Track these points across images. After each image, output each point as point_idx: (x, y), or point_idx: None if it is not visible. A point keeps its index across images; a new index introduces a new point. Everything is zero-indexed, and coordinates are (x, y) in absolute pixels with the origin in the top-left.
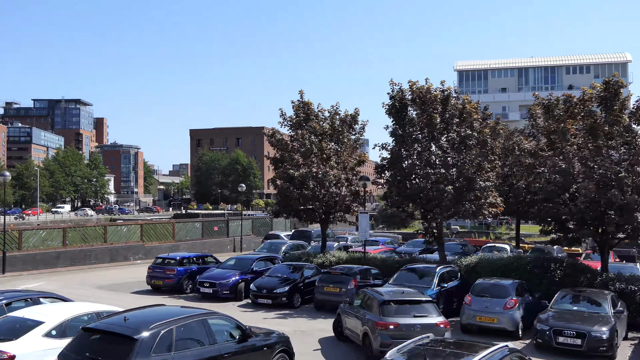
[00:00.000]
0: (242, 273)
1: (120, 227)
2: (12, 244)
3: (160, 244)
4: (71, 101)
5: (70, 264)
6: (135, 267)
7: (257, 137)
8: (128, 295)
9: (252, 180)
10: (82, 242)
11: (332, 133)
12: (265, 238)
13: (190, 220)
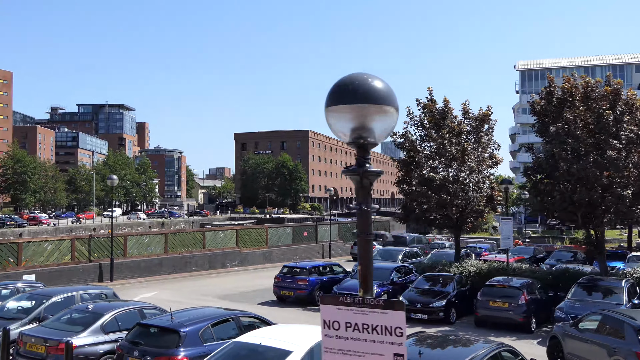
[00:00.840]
0: (381, 284)
1: (217, 232)
2: (116, 251)
3: (255, 250)
4: (115, 106)
5: (171, 271)
6: (235, 274)
7: (302, 141)
8: (260, 308)
9: (298, 184)
10: (181, 248)
11: (469, 133)
12: (354, 244)
13: (281, 225)
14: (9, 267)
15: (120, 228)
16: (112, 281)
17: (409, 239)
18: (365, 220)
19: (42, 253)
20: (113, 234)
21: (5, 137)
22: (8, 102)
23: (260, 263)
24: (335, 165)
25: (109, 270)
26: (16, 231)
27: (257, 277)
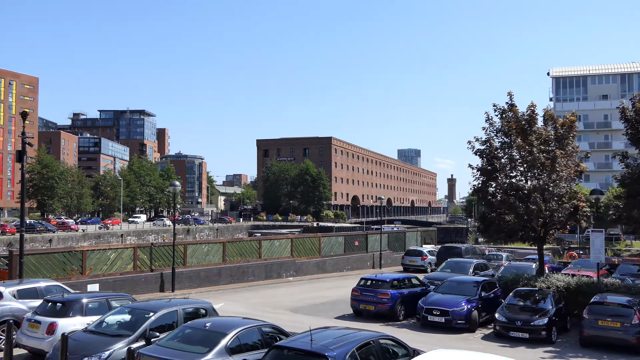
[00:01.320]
0: (469, 300)
1: (273, 241)
2: (176, 259)
3: (309, 260)
4: (136, 112)
5: (229, 280)
6: (293, 285)
7: (324, 147)
8: (340, 322)
9: (321, 192)
10: (238, 257)
11: (555, 140)
12: (406, 254)
13: (333, 234)
14: (73, 276)
15: (147, 234)
16: (173, 291)
17: (463, 249)
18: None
19: (105, 262)
20: (175, 243)
21: (30, 143)
22: (34, 107)
23: (314, 273)
24: (357, 172)
25: (170, 280)
26: (46, 237)
27: (317, 288)
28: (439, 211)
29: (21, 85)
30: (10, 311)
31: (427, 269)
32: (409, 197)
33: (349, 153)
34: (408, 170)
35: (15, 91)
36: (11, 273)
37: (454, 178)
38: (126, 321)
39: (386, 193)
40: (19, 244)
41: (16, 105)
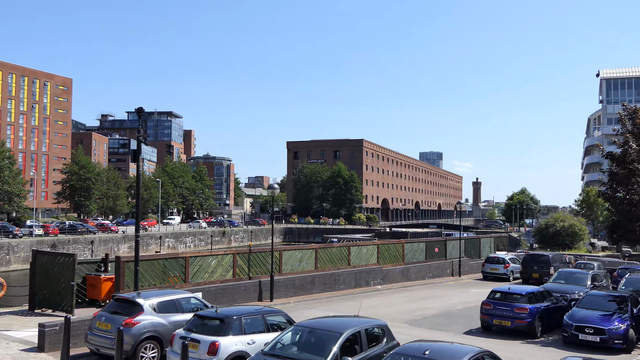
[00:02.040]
0: (622, 317)
1: (361, 248)
2: (268, 267)
3: (394, 267)
4: (163, 113)
5: (323, 289)
6: (386, 294)
7: (355, 150)
8: (470, 339)
9: (353, 194)
10: (330, 265)
11: None
12: (487, 261)
13: (415, 240)
14: (177, 284)
15: (184, 237)
16: (272, 300)
17: (551, 257)
18: None
19: (206, 269)
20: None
21: (64, 144)
22: (68, 108)
23: (399, 281)
24: (387, 175)
25: (267, 288)
26: (88, 238)
27: (413, 298)
28: (464, 215)
29: (55, 86)
30: (152, 326)
31: (510, 278)
32: (436, 200)
33: (379, 155)
34: (435, 173)
35: (49, 92)
36: (118, 280)
37: (479, 181)
38: (311, 343)
39: (414, 196)
40: (135, 250)
41: (51, 107)
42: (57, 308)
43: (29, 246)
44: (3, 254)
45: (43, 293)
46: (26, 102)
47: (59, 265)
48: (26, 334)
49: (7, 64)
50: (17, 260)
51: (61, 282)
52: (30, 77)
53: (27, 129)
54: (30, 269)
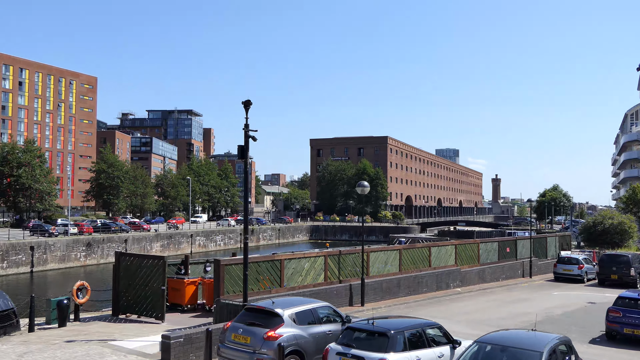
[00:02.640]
0: None
1: (440, 248)
2: (357, 269)
3: (470, 269)
4: (183, 112)
5: (407, 292)
6: (469, 297)
7: (380, 147)
8: (603, 349)
9: (379, 192)
10: (412, 266)
11: None
12: (560, 262)
13: (489, 240)
14: (273, 289)
15: (214, 235)
16: (363, 305)
17: (630, 257)
18: None
19: (300, 272)
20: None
21: (89, 142)
22: (93, 107)
23: (476, 282)
24: (411, 172)
25: (356, 292)
26: (122, 237)
27: (500, 301)
28: (484, 212)
29: (81, 84)
30: (294, 339)
31: (584, 279)
32: (457, 197)
33: (403, 152)
34: (456, 170)
35: (75, 91)
36: (218, 285)
37: (498, 178)
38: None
39: (437, 193)
40: (244, 252)
41: (76, 105)
42: (144, 314)
43: (65, 245)
44: (40, 253)
45: (127, 298)
46: (52, 100)
47: (146, 268)
48: (137, 345)
49: (34, 63)
50: (53, 259)
51: (149, 286)
52: (56, 75)
53: (54, 128)
54: (114, 273)
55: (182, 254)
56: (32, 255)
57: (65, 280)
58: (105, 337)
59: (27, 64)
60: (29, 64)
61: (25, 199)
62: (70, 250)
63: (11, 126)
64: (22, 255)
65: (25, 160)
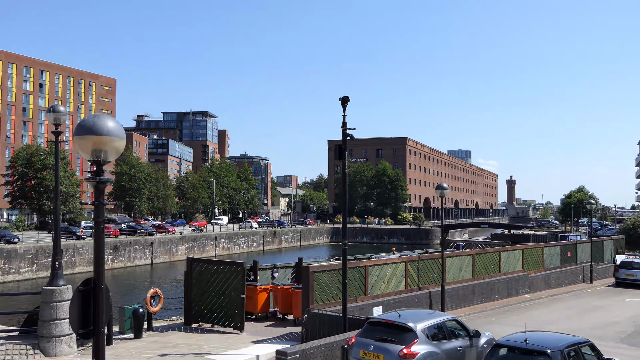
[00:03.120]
0: None
1: (509, 253)
2: (431, 275)
3: (537, 274)
4: (198, 113)
5: (481, 299)
6: (543, 305)
7: (399, 148)
8: None
9: (399, 193)
10: (484, 272)
11: None
12: (622, 267)
13: (552, 244)
14: (359, 297)
15: (238, 237)
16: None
17: None
18: None
19: (382, 279)
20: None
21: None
22: (112, 109)
23: (542, 288)
24: (429, 174)
25: (436, 300)
26: (148, 239)
27: (579, 309)
28: (499, 213)
29: (100, 86)
30: (430, 357)
31: None
32: (474, 198)
33: (421, 154)
34: (472, 171)
35: (94, 92)
36: (307, 294)
37: (513, 179)
38: None
39: (454, 195)
40: (342, 259)
41: (95, 107)
42: (220, 323)
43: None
44: (69, 256)
45: (200, 306)
46: (72, 102)
47: (222, 274)
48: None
49: (54, 65)
50: (82, 262)
51: (226, 294)
52: (76, 77)
53: (73, 130)
54: (186, 280)
55: (207, 257)
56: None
57: None
58: (196, 350)
59: (48, 66)
60: (49, 65)
61: (49, 201)
62: None
63: (32, 128)
64: (51, 259)
65: (49, 162)
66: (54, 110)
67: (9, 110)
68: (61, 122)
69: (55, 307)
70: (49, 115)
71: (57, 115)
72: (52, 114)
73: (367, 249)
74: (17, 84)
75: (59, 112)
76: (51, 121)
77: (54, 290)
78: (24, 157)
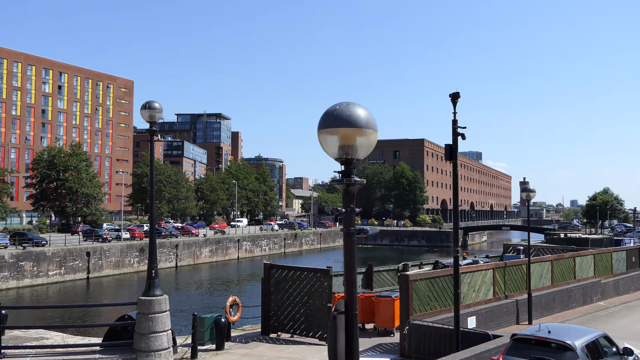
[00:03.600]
0: None
1: (583, 258)
2: (514, 283)
3: (607, 280)
4: (212, 115)
5: (561, 307)
6: (625, 313)
7: (416, 150)
8: None
9: (417, 195)
10: (560, 279)
11: None
12: None
13: (619, 249)
14: (451, 307)
15: (260, 240)
16: (530, 323)
17: None
18: None
19: (474, 287)
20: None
21: (126, 146)
22: (129, 110)
23: (612, 295)
24: (445, 175)
25: (523, 308)
26: (173, 242)
27: None
28: (513, 215)
29: (118, 88)
30: None
31: None
32: (488, 200)
33: (438, 155)
34: (487, 173)
35: (112, 94)
36: (407, 303)
37: (526, 181)
38: None
39: (469, 197)
40: (454, 264)
41: (113, 109)
42: (300, 333)
43: (120, 250)
44: (96, 259)
45: (278, 315)
46: (90, 104)
47: (305, 281)
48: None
49: (72, 66)
50: (108, 265)
51: (309, 302)
52: (94, 79)
53: (92, 132)
54: (263, 287)
55: (230, 259)
56: (89, 262)
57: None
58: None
59: (66, 67)
60: (67, 67)
61: (72, 203)
62: (124, 256)
63: (50, 130)
64: (78, 261)
65: (72, 164)
66: (149, 107)
67: (28, 112)
68: (156, 119)
69: (154, 319)
70: (143, 112)
71: (152, 113)
72: (147, 110)
73: (388, 251)
74: (37, 86)
75: (154, 109)
76: (146, 118)
77: (152, 300)
78: (46, 159)
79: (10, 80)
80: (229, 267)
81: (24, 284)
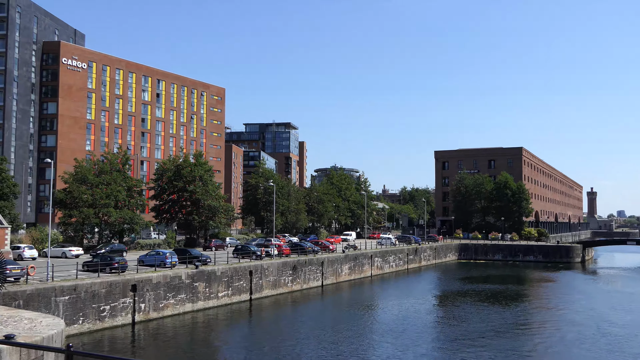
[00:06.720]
0: None
1: None
2: None
3: None
4: (281, 125)
5: None
6: None
7: (514, 159)
8: None
9: (522, 207)
10: None
11: None
12: None
13: None
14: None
15: (388, 255)
16: None
17: None
18: None
19: None
20: None
21: (218, 155)
22: (221, 119)
23: None
24: (538, 186)
25: None
26: (319, 259)
27: None
28: (584, 227)
29: (210, 96)
30: None
31: None
32: (567, 212)
33: (534, 166)
34: (565, 183)
35: (205, 102)
36: None
37: (594, 191)
38: None
39: (554, 208)
40: None
41: (207, 117)
42: None
43: (277, 269)
44: (257, 279)
45: None
46: (185, 113)
47: None
48: None
49: (169, 74)
50: (267, 285)
51: None
52: (189, 87)
53: (187, 141)
54: None
55: (364, 277)
56: (251, 281)
57: (286, 308)
58: None
59: (164, 75)
60: (165, 75)
61: (198, 216)
62: (280, 275)
63: (150, 139)
64: (242, 281)
65: (198, 174)
66: None
67: (129, 121)
68: None
69: None
70: None
71: None
72: None
73: (502, 267)
74: (137, 94)
75: None
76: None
77: None
78: (170, 169)
79: (112, 89)
80: (374, 286)
81: (197, 307)
